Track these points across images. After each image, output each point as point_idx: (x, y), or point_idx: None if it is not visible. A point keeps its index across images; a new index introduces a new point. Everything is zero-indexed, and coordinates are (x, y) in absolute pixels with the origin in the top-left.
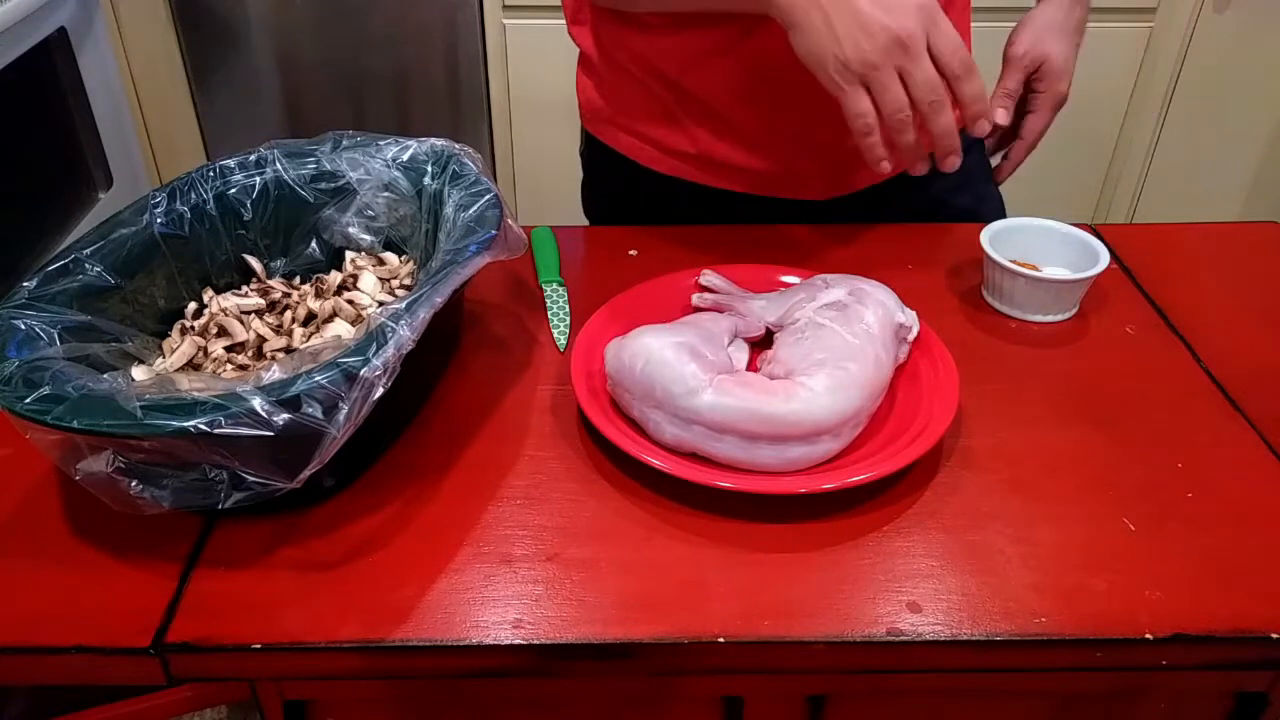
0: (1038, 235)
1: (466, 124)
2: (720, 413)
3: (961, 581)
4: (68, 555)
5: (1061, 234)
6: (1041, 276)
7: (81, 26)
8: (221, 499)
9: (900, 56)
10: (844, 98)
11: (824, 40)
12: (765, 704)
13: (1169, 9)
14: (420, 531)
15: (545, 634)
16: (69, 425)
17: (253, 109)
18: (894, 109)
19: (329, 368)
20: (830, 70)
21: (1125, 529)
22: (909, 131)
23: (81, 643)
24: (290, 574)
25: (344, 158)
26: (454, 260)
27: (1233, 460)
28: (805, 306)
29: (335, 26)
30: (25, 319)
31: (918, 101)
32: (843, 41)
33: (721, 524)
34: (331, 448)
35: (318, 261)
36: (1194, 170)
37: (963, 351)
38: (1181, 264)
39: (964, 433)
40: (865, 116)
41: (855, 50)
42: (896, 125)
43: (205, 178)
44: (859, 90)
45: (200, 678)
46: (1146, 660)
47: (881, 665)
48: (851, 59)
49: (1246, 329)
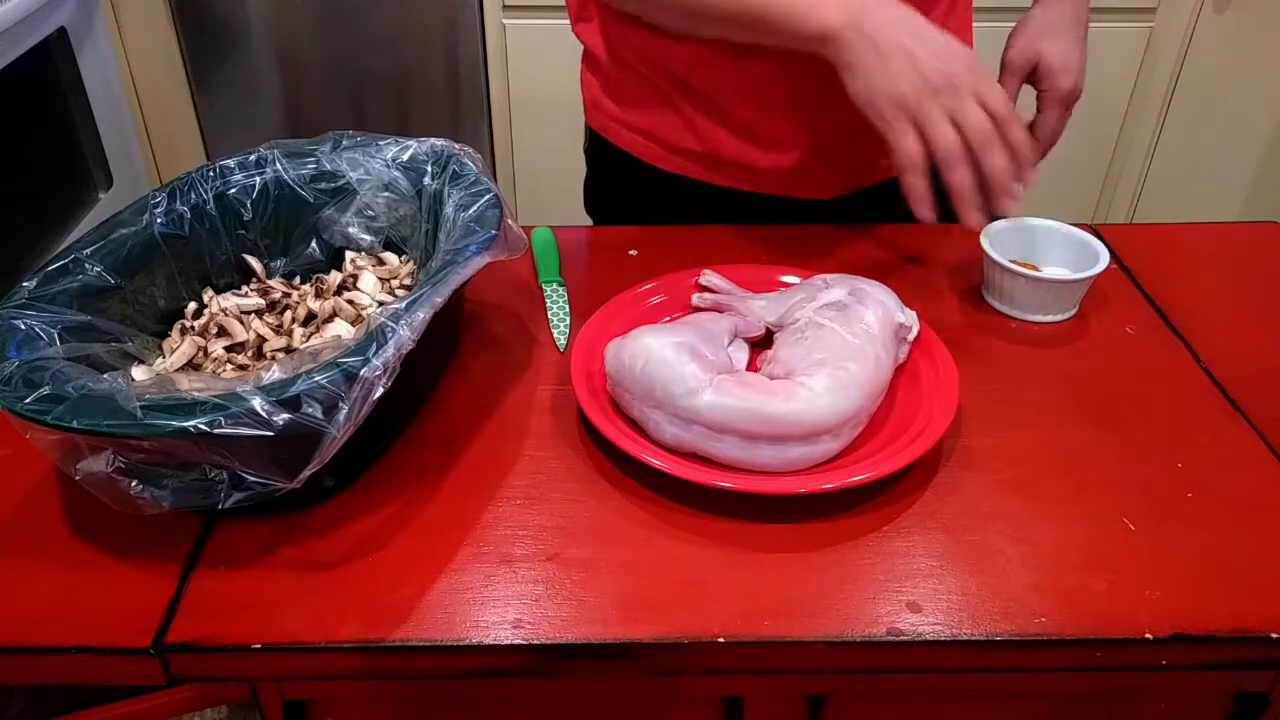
0: (1038, 235)
1: (466, 124)
2: (720, 413)
3: (961, 581)
4: (68, 555)
5: (1062, 234)
6: (1041, 276)
7: (81, 26)
8: (221, 499)
9: (951, 98)
10: (894, 135)
11: (879, 80)
12: (765, 704)
13: (1169, 9)
14: (420, 531)
15: (545, 634)
16: (69, 425)
17: (253, 109)
18: (946, 143)
19: (329, 368)
20: (884, 108)
21: (1125, 529)
22: (961, 167)
23: (81, 643)
24: (290, 574)
25: (344, 158)
26: (454, 260)
27: (1232, 460)
28: (805, 306)
29: (335, 26)
30: (25, 319)
31: (970, 139)
32: (897, 80)
33: (721, 524)
34: (331, 448)
35: (318, 261)
36: (1194, 170)
37: (963, 351)
38: (1181, 264)
39: (964, 433)
40: (914, 155)
41: (910, 89)
42: (949, 161)
43: (205, 178)
44: (909, 129)
45: (200, 678)
46: (1146, 660)
47: (881, 665)
48: (907, 97)
49: (1246, 329)
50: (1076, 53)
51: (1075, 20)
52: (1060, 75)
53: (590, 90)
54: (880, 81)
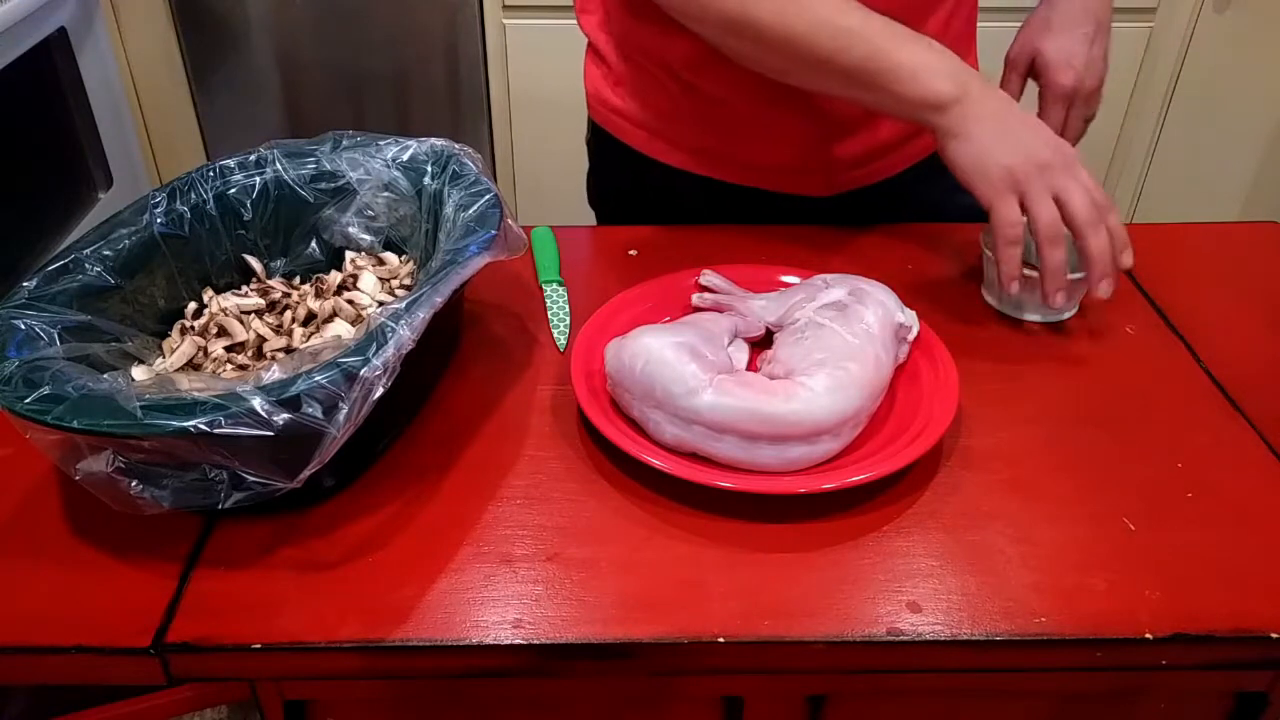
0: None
1: (466, 124)
2: (720, 413)
3: (961, 581)
4: (68, 555)
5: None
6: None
7: (81, 26)
8: (221, 499)
9: (1055, 176)
10: (1001, 205)
11: (991, 149)
12: (765, 704)
13: (1169, 9)
14: (420, 531)
15: (545, 634)
16: (69, 425)
17: (253, 109)
18: (1049, 218)
19: (329, 368)
20: (995, 178)
21: (1125, 529)
22: (1061, 245)
23: (81, 643)
24: (290, 574)
25: (344, 158)
26: (454, 260)
27: (1232, 460)
28: (805, 306)
29: (335, 26)
30: (25, 319)
31: (1074, 218)
32: (1010, 152)
33: (721, 524)
34: (331, 448)
35: (318, 261)
36: (1194, 170)
37: (963, 351)
38: (1182, 264)
39: (964, 433)
40: (1016, 226)
41: (1020, 163)
42: (1051, 236)
43: (205, 178)
44: (1013, 200)
45: (200, 678)
46: (1146, 660)
47: (881, 665)
48: (1016, 170)
49: (1247, 329)
50: (1080, 49)
51: (1083, 15)
52: (1058, 71)
53: (593, 83)
54: (993, 151)
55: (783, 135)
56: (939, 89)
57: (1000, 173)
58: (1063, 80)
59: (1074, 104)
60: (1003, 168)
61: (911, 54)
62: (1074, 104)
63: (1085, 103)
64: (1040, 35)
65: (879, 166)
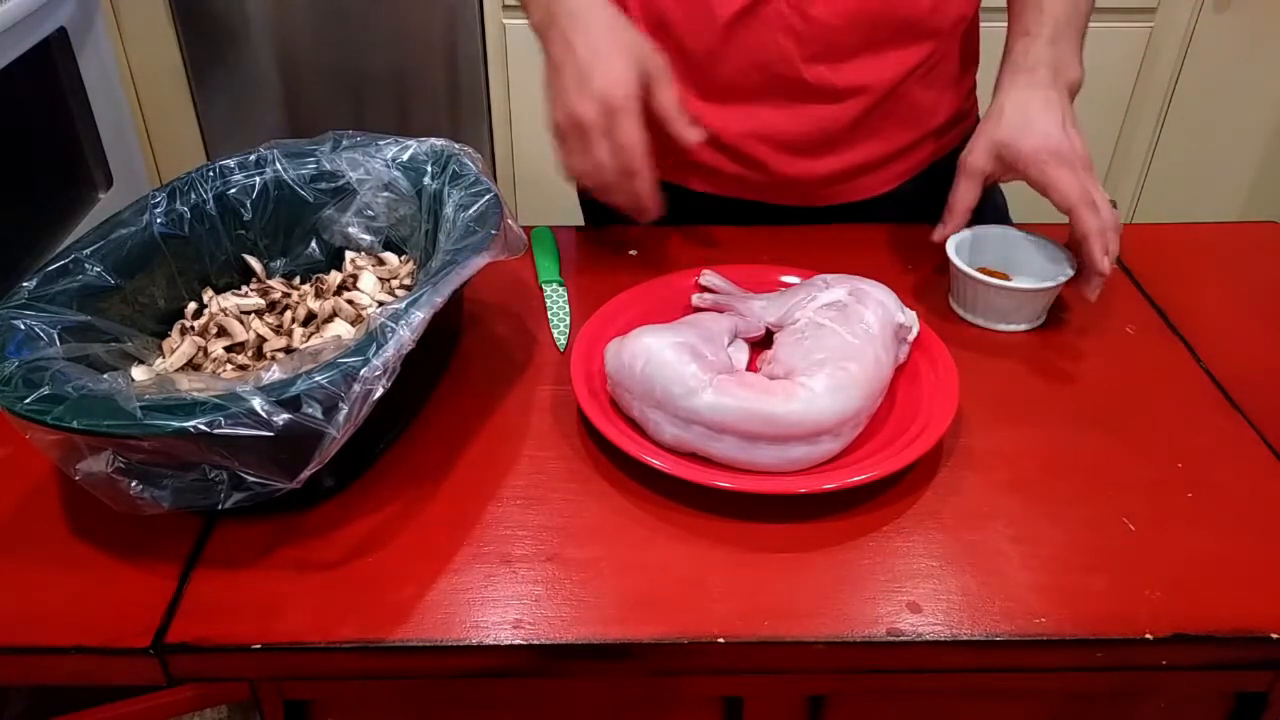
0: (1011, 244)
1: (466, 124)
2: (720, 413)
3: (961, 581)
4: (67, 555)
5: (1033, 243)
6: (1002, 285)
7: (81, 26)
8: (221, 499)
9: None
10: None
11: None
12: (765, 704)
13: (1169, 8)
14: (420, 532)
15: (545, 634)
16: (69, 425)
17: (252, 109)
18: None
19: (329, 368)
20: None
21: (1125, 529)
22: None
23: (81, 643)
24: (290, 574)
25: (344, 157)
26: (454, 260)
27: (1233, 460)
28: (805, 306)
29: (335, 27)
30: (25, 319)
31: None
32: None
33: (721, 524)
34: (331, 448)
35: (317, 261)
36: (1194, 170)
37: (963, 351)
38: (1182, 264)
39: (964, 433)
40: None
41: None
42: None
43: (205, 178)
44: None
45: (200, 678)
46: (1146, 660)
47: (882, 665)
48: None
49: (1247, 329)
50: (1024, 108)
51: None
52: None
53: None
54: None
55: (750, 154)
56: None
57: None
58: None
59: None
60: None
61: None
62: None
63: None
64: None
65: (862, 184)
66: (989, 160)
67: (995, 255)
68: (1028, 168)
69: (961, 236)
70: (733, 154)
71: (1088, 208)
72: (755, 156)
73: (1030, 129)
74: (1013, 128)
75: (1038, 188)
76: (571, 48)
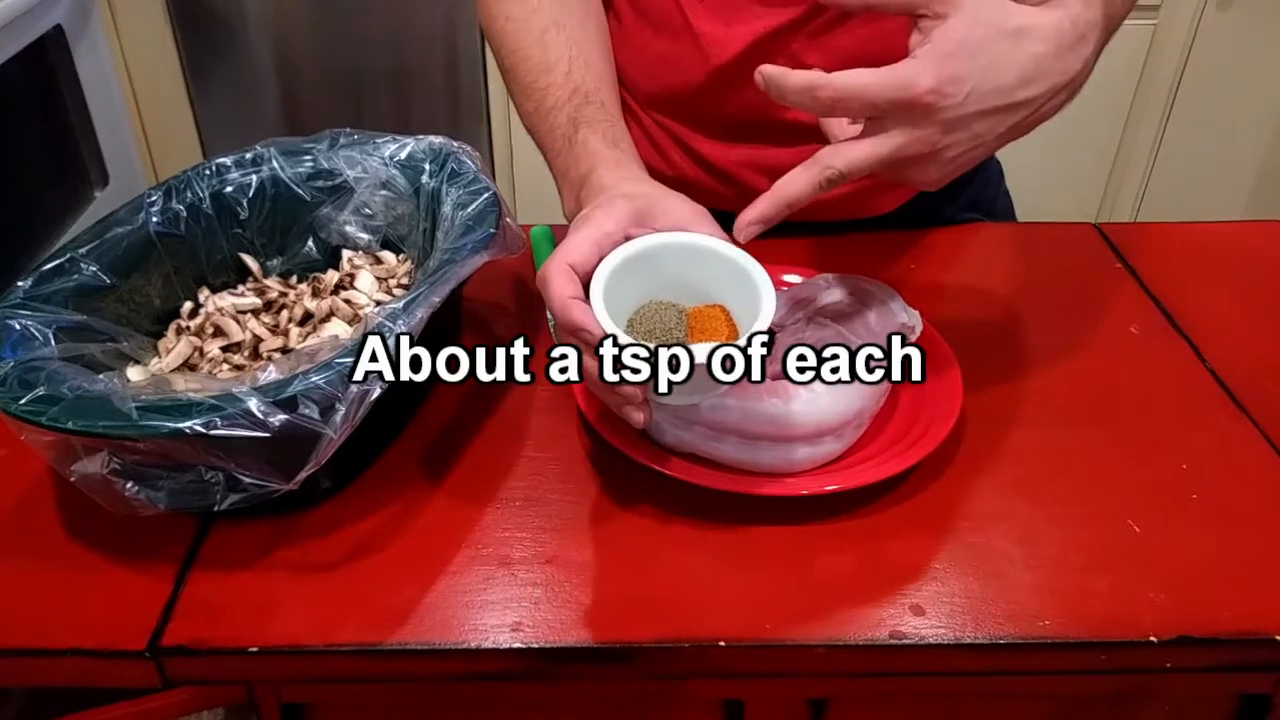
0: (706, 263)
1: (465, 123)
2: (720, 413)
3: (964, 584)
4: (62, 557)
5: (729, 261)
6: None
7: (78, 24)
8: (218, 500)
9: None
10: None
11: None
12: (766, 708)
13: (1172, 7)
14: (418, 533)
15: (544, 637)
16: (64, 426)
17: (250, 107)
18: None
19: (326, 368)
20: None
21: (1130, 531)
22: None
23: (76, 645)
24: (287, 576)
25: (341, 156)
26: (452, 259)
27: (1238, 462)
28: (807, 306)
29: (334, 25)
30: (20, 319)
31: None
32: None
33: (722, 526)
34: (329, 449)
35: (314, 260)
36: (1198, 168)
37: (966, 352)
38: (1186, 263)
39: (967, 434)
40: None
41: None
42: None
43: (201, 176)
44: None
45: (196, 680)
46: (1150, 663)
47: (884, 669)
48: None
49: (1252, 329)
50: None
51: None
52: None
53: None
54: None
55: (748, 182)
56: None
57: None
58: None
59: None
60: None
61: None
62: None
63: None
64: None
65: (870, 204)
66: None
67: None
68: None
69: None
70: (732, 182)
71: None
72: (757, 187)
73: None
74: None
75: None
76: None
